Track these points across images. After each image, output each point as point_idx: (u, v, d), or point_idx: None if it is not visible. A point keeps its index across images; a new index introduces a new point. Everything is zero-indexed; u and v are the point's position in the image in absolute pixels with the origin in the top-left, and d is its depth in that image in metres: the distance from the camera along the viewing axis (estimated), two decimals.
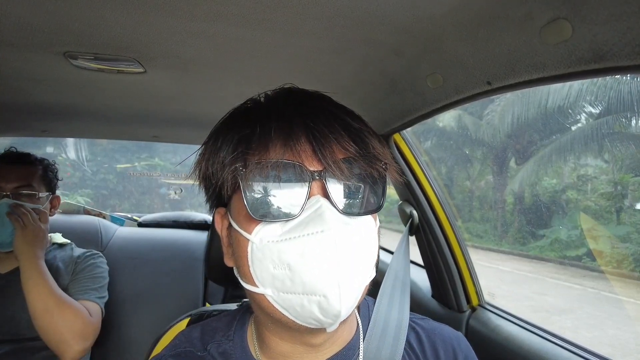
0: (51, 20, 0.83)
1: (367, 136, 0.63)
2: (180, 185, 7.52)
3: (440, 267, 1.53)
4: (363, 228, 0.62)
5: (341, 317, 0.57)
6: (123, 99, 1.51)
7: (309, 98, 0.66)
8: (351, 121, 0.62)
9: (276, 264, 0.57)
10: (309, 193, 0.58)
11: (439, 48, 0.87)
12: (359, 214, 0.61)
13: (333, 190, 0.59)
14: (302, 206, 0.58)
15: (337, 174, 0.58)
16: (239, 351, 0.70)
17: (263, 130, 0.60)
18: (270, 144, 0.59)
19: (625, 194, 8.91)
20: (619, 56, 0.59)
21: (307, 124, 0.59)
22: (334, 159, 0.58)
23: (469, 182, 13.60)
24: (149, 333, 1.89)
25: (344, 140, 0.60)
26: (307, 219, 0.57)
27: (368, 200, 0.63)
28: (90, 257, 1.74)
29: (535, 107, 10.73)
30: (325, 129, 0.59)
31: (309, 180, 0.58)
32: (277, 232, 0.58)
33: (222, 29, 0.85)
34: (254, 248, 0.59)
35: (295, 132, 0.59)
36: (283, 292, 0.58)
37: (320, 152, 0.58)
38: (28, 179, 1.62)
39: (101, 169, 10.46)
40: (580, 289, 7.79)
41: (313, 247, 0.56)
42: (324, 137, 0.59)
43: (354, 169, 0.60)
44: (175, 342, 0.75)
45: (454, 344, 0.77)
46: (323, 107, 0.64)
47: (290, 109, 0.62)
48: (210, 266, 1.07)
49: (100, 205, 9.28)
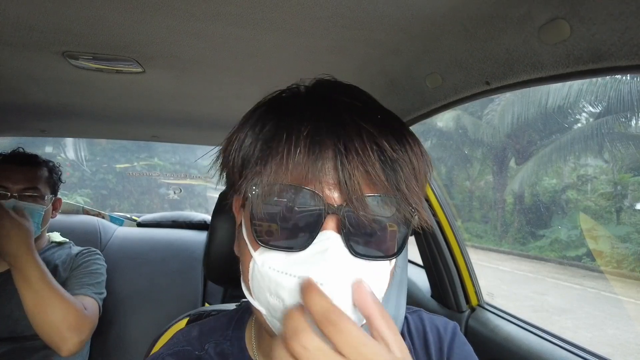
0: (50, 19, 0.83)
1: (403, 169, 0.54)
2: (179, 185, 7.50)
3: (439, 268, 1.54)
4: (375, 273, 0.55)
5: None
6: (122, 98, 1.51)
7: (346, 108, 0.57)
8: (388, 145, 0.54)
9: (272, 294, 0.53)
10: (322, 227, 0.52)
11: (438, 48, 0.87)
12: (373, 259, 0.55)
13: (349, 228, 0.52)
14: (310, 241, 0.52)
15: (359, 212, 0.52)
16: (237, 351, 0.69)
17: (288, 143, 0.52)
18: (292, 162, 0.52)
19: (625, 194, 8.92)
20: (617, 56, 0.59)
21: (338, 147, 0.52)
22: (357, 195, 0.51)
23: (468, 182, 13.62)
24: (148, 333, 1.89)
25: (375, 172, 0.52)
26: (312, 259, 0.51)
27: (387, 244, 0.56)
28: (87, 254, 1.74)
29: (535, 106, 10.74)
30: (356, 157, 0.51)
31: (324, 214, 0.52)
32: (280, 260, 0.53)
33: (220, 29, 0.85)
34: (255, 268, 0.56)
35: (322, 156, 0.52)
36: (275, 319, 0.54)
37: (345, 185, 0.51)
38: (34, 180, 1.62)
39: (100, 168, 10.47)
40: (580, 288, 7.80)
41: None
42: (352, 167, 0.51)
43: (378, 208, 0.54)
44: (174, 340, 0.75)
45: (441, 330, 0.77)
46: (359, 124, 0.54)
47: (322, 122, 0.54)
48: (209, 266, 1.07)
49: (99, 205, 9.29)
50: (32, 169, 1.65)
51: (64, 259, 1.70)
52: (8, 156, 1.65)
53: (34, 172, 1.64)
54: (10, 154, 1.67)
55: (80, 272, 1.66)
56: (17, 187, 1.57)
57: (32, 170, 1.64)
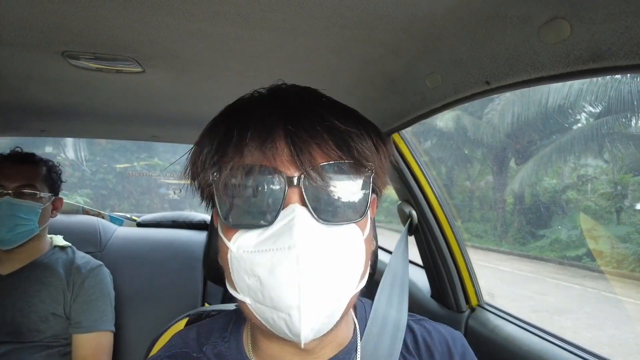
0: (49, 19, 0.83)
1: (354, 139, 0.58)
2: (179, 185, 7.48)
3: (439, 267, 1.53)
4: (344, 239, 0.58)
5: (306, 337, 0.54)
6: (122, 98, 1.51)
7: (296, 97, 0.63)
8: (338, 123, 0.58)
9: (249, 275, 0.56)
10: (285, 201, 0.56)
11: (437, 48, 0.87)
12: (339, 222, 0.58)
13: (311, 197, 0.56)
14: (276, 215, 0.55)
15: (317, 180, 0.55)
16: (234, 353, 0.69)
17: (240, 133, 0.57)
18: (246, 149, 0.56)
19: (626, 194, 8.91)
20: (618, 56, 0.59)
21: (287, 127, 0.56)
22: (313, 164, 0.55)
23: (468, 182, 13.61)
24: (148, 333, 1.89)
25: (326, 144, 0.57)
26: (279, 231, 0.55)
27: (351, 208, 0.59)
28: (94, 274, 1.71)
29: (535, 106, 10.73)
30: (306, 132, 0.56)
31: (285, 187, 0.55)
32: (252, 241, 0.56)
33: (220, 29, 0.85)
34: (232, 257, 0.58)
35: (273, 136, 0.56)
36: (258, 303, 0.56)
37: (298, 158, 0.55)
38: (30, 178, 1.62)
39: (100, 168, 10.47)
40: (580, 289, 7.80)
41: (279, 262, 0.53)
42: (303, 142, 0.56)
43: (335, 175, 0.57)
44: (172, 343, 0.75)
45: (450, 343, 0.75)
46: (308, 108, 0.60)
47: (272, 110, 0.59)
48: (209, 266, 1.07)
49: (99, 205, 9.28)
50: (29, 167, 1.64)
51: (66, 265, 1.69)
52: (5, 156, 1.65)
53: (31, 170, 1.64)
54: (7, 154, 1.67)
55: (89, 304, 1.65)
56: (12, 185, 1.57)
57: (29, 168, 1.64)
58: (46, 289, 1.60)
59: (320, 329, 0.57)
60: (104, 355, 1.63)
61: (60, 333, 1.60)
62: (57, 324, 1.59)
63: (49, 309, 1.58)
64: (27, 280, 1.61)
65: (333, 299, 0.57)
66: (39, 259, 1.67)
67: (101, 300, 1.67)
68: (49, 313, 1.58)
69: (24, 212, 1.57)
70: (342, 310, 0.59)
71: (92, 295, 1.65)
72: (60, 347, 1.61)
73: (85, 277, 1.67)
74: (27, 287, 1.59)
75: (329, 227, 0.56)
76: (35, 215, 1.60)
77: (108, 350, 1.65)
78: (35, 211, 1.60)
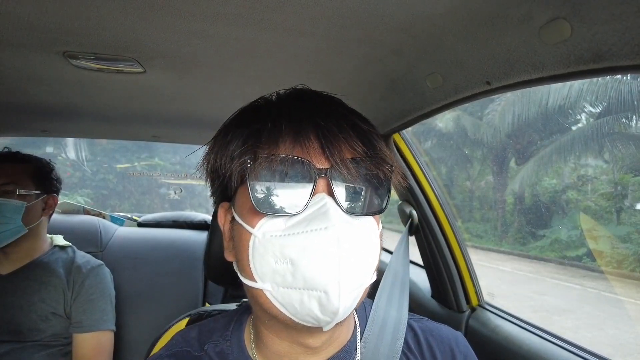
0: (50, 19, 0.83)
1: (375, 138, 0.64)
2: (180, 185, 7.50)
3: (439, 267, 1.53)
4: (366, 230, 0.62)
5: (339, 316, 0.57)
6: (123, 98, 1.51)
7: (320, 99, 0.67)
8: (360, 123, 0.64)
9: (278, 259, 0.58)
10: (314, 190, 0.59)
11: (438, 48, 0.87)
12: (362, 214, 0.62)
13: (338, 189, 0.60)
14: (307, 203, 0.59)
15: (344, 173, 0.59)
16: (236, 351, 0.70)
17: (274, 126, 0.61)
18: (280, 140, 0.60)
19: (626, 194, 8.90)
20: (618, 56, 0.59)
21: (317, 122, 0.60)
22: (341, 157, 0.59)
23: (469, 182, 13.61)
24: (149, 333, 1.89)
25: (353, 140, 0.61)
26: (311, 216, 0.58)
27: (372, 201, 0.63)
28: (95, 273, 1.71)
29: (535, 107, 10.73)
30: (335, 128, 0.60)
31: (315, 178, 0.59)
32: (280, 227, 0.59)
33: (221, 29, 0.85)
34: (256, 242, 0.60)
35: (305, 130, 0.60)
36: (283, 287, 0.58)
37: (328, 150, 0.59)
38: (11, 176, 1.58)
39: (101, 169, 10.46)
40: (580, 289, 7.80)
41: (316, 242, 0.56)
42: (333, 136, 0.60)
43: (360, 169, 0.61)
44: (173, 342, 0.75)
45: (452, 344, 0.76)
46: (333, 109, 0.65)
47: (301, 107, 0.63)
48: (210, 266, 1.07)
49: (100, 205, 9.28)
50: (10, 166, 1.61)
51: (67, 265, 1.69)
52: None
53: (13, 168, 1.61)
54: None
55: (95, 298, 1.65)
56: None
57: (11, 167, 1.61)
58: (46, 288, 1.60)
59: (347, 311, 0.59)
60: (105, 355, 1.63)
61: (61, 332, 1.60)
62: (58, 323, 1.59)
63: (49, 308, 1.58)
64: (27, 279, 1.61)
65: (359, 282, 0.59)
66: (39, 259, 1.67)
67: (102, 300, 1.67)
68: (49, 312, 1.58)
69: (5, 211, 1.53)
70: (360, 297, 0.62)
71: (93, 295, 1.65)
72: (60, 346, 1.61)
73: (86, 276, 1.67)
74: (27, 286, 1.59)
75: (351, 217, 0.60)
76: (17, 214, 1.55)
77: (108, 350, 1.65)
78: (18, 210, 1.56)
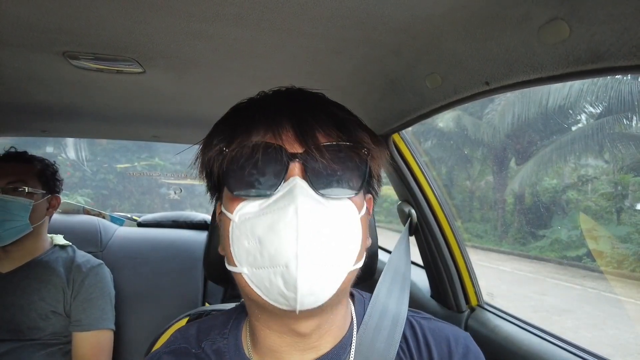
0: (50, 19, 0.83)
1: (353, 126, 0.65)
2: (180, 185, 7.51)
3: (439, 267, 1.53)
4: (339, 210, 0.62)
5: (302, 291, 0.56)
6: (122, 99, 1.51)
7: (301, 94, 0.69)
8: (338, 112, 0.66)
9: (249, 239, 0.60)
10: (287, 174, 0.61)
11: (437, 48, 0.87)
12: (335, 196, 0.62)
13: (312, 172, 0.61)
14: (278, 185, 0.60)
15: (317, 157, 0.60)
16: (232, 349, 0.70)
17: (248, 117, 0.64)
18: (254, 128, 0.63)
19: (626, 194, 8.90)
20: (617, 56, 0.59)
21: (293, 112, 0.63)
22: (315, 143, 0.61)
23: (469, 182, 13.61)
24: (148, 333, 1.89)
25: (328, 127, 0.63)
26: (281, 197, 0.59)
27: (347, 184, 0.64)
28: (95, 272, 1.72)
29: (535, 107, 10.73)
30: (310, 117, 0.63)
31: (287, 162, 0.60)
32: (254, 209, 0.61)
33: (220, 29, 0.85)
34: (234, 226, 0.62)
35: (279, 118, 0.63)
36: (255, 268, 0.59)
37: (302, 137, 0.61)
38: (20, 175, 1.61)
39: (101, 168, 10.47)
40: (580, 289, 7.80)
41: (279, 218, 0.57)
42: (307, 124, 0.62)
43: (335, 154, 0.62)
44: (172, 339, 0.75)
45: (451, 344, 0.73)
46: (312, 101, 0.67)
47: (279, 102, 0.67)
48: (209, 266, 1.08)
49: (100, 205, 9.29)
50: (20, 165, 1.64)
51: (67, 264, 1.70)
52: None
53: (21, 167, 1.64)
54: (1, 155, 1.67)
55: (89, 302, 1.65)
56: (2, 182, 1.57)
57: (19, 166, 1.64)
58: (46, 287, 1.60)
59: (316, 292, 0.58)
60: (104, 354, 1.63)
61: (61, 331, 1.60)
62: (57, 322, 1.59)
63: (48, 307, 1.58)
64: (27, 278, 1.61)
65: (328, 259, 0.59)
66: (39, 257, 1.67)
67: (101, 299, 1.67)
68: (49, 311, 1.58)
69: (14, 209, 1.55)
70: (338, 281, 0.61)
71: (93, 294, 1.66)
72: (60, 345, 1.61)
73: (86, 275, 1.68)
74: (27, 285, 1.59)
75: (326, 200, 0.61)
76: (25, 211, 1.58)
77: (108, 349, 1.65)
78: (26, 208, 1.58)
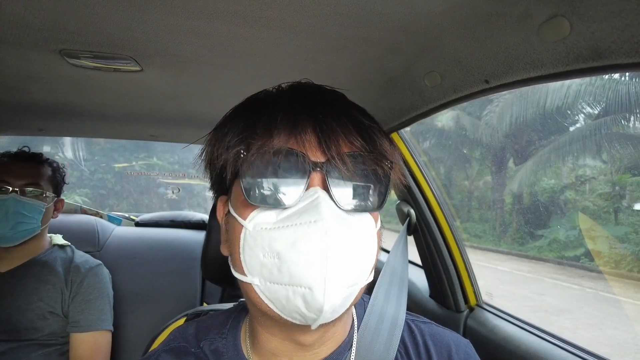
0: (47, 17, 0.83)
1: (376, 134, 0.61)
2: (177, 184, 7.51)
3: (438, 267, 1.53)
4: (361, 226, 0.59)
5: (326, 314, 0.54)
6: (120, 97, 1.51)
7: (320, 93, 0.65)
8: (362, 118, 0.61)
9: (266, 252, 0.56)
10: (308, 184, 0.57)
11: (436, 46, 0.87)
12: (357, 211, 0.59)
13: (334, 183, 0.57)
14: (300, 196, 0.56)
15: (340, 167, 0.56)
16: (231, 349, 0.69)
17: (270, 117, 0.59)
18: (275, 131, 0.57)
19: (624, 194, 8.93)
20: (618, 54, 0.58)
21: (315, 116, 0.58)
22: (338, 151, 0.57)
23: (467, 182, 13.63)
24: (146, 333, 1.88)
25: (351, 135, 0.59)
26: (303, 209, 0.56)
27: (369, 197, 0.61)
28: (93, 273, 1.71)
29: (533, 107, 10.75)
30: (333, 122, 0.58)
31: (310, 171, 0.57)
32: (271, 219, 0.57)
33: (218, 27, 0.85)
34: (247, 235, 0.58)
35: (302, 122, 0.58)
36: (270, 282, 0.56)
37: (325, 144, 0.57)
38: (36, 177, 1.63)
39: (99, 168, 10.46)
40: (578, 289, 7.81)
41: (303, 236, 0.53)
42: (331, 130, 0.57)
43: (358, 165, 0.58)
44: (170, 337, 0.75)
45: (452, 350, 0.72)
46: (334, 103, 0.62)
47: (300, 100, 0.61)
48: (207, 266, 1.07)
49: (98, 204, 9.27)
50: (35, 166, 1.66)
51: (65, 264, 1.70)
52: (12, 154, 1.67)
53: (37, 169, 1.66)
54: (14, 153, 1.69)
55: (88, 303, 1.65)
56: (18, 183, 1.58)
57: (35, 167, 1.66)
58: (44, 287, 1.60)
59: (336, 310, 0.56)
60: (102, 355, 1.62)
61: (58, 331, 1.59)
62: (55, 322, 1.59)
63: (47, 307, 1.58)
64: (26, 278, 1.61)
65: (351, 280, 0.57)
66: (38, 257, 1.67)
67: (100, 300, 1.66)
68: (46, 311, 1.57)
69: (28, 210, 1.57)
70: (354, 297, 0.60)
71: (91, 295, 1.65)
72: (57, 345, 1.60)
73: (84, 276, 1.67)
74: (25, 285, 1.59)
75: (348, 214, 0.58)
76: (38, 214, 1.60)
77: (106, 350, 1.65)
78: (39, 210, 1.61)
